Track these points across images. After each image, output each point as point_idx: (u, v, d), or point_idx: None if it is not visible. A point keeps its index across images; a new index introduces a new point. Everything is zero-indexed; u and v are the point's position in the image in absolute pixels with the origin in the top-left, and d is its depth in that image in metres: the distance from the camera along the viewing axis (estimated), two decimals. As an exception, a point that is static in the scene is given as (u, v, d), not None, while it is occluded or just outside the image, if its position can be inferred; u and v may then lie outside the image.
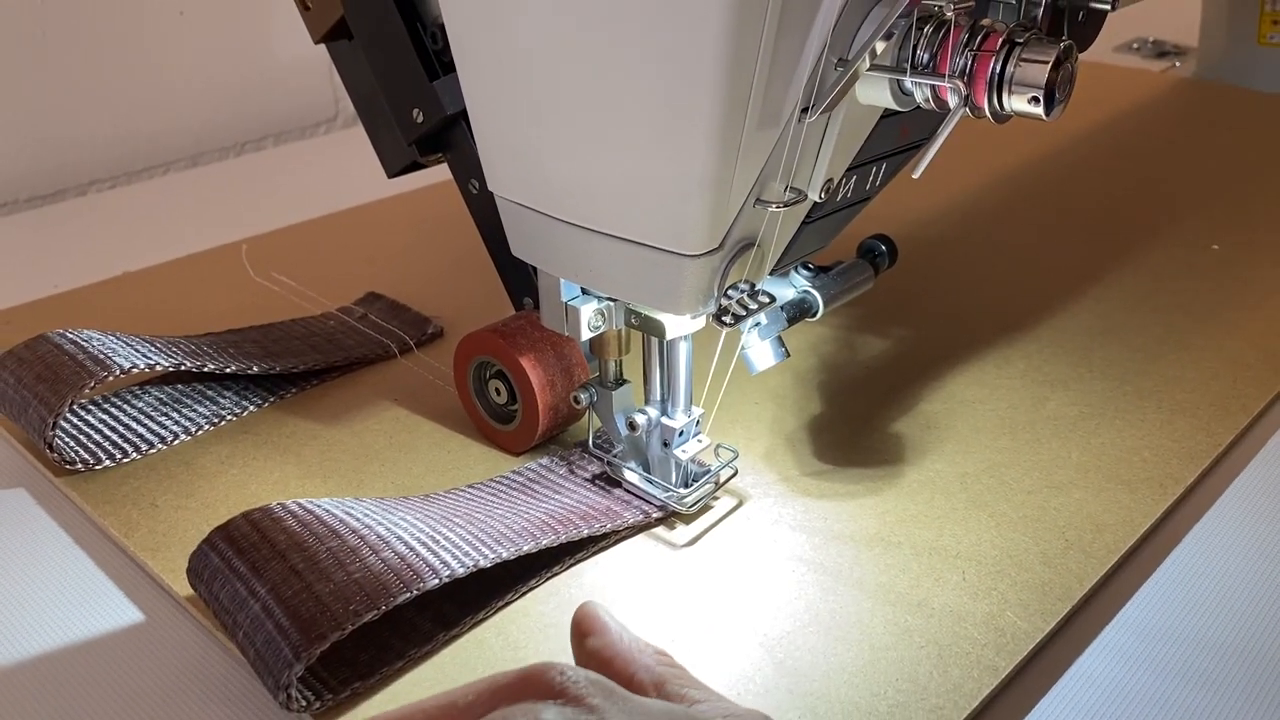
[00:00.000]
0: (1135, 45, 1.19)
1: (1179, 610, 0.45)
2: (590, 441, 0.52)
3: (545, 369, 0.52)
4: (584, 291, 0.47)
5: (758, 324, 0.48)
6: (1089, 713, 0.41)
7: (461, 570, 0.42)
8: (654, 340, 0.48)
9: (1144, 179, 0.87)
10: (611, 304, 0.47)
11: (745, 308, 0.42)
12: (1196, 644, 0.44)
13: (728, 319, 0.42)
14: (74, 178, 0.93)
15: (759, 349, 0.49)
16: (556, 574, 0.47)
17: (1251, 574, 0.47)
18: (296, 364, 0.59)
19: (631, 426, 0.49)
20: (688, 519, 0.50)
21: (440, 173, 0.63)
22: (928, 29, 0.39)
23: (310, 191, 0.88)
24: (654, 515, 0.49)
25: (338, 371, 0.62)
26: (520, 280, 0.57)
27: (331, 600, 0.39)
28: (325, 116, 1.07)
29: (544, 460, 0.53)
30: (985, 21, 0.39)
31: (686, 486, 0.49)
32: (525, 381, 0.52)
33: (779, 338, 0.49)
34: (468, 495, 0.50)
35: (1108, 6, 0.46)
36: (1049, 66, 0.38)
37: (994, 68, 0.38)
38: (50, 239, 0.84)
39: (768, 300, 0.43)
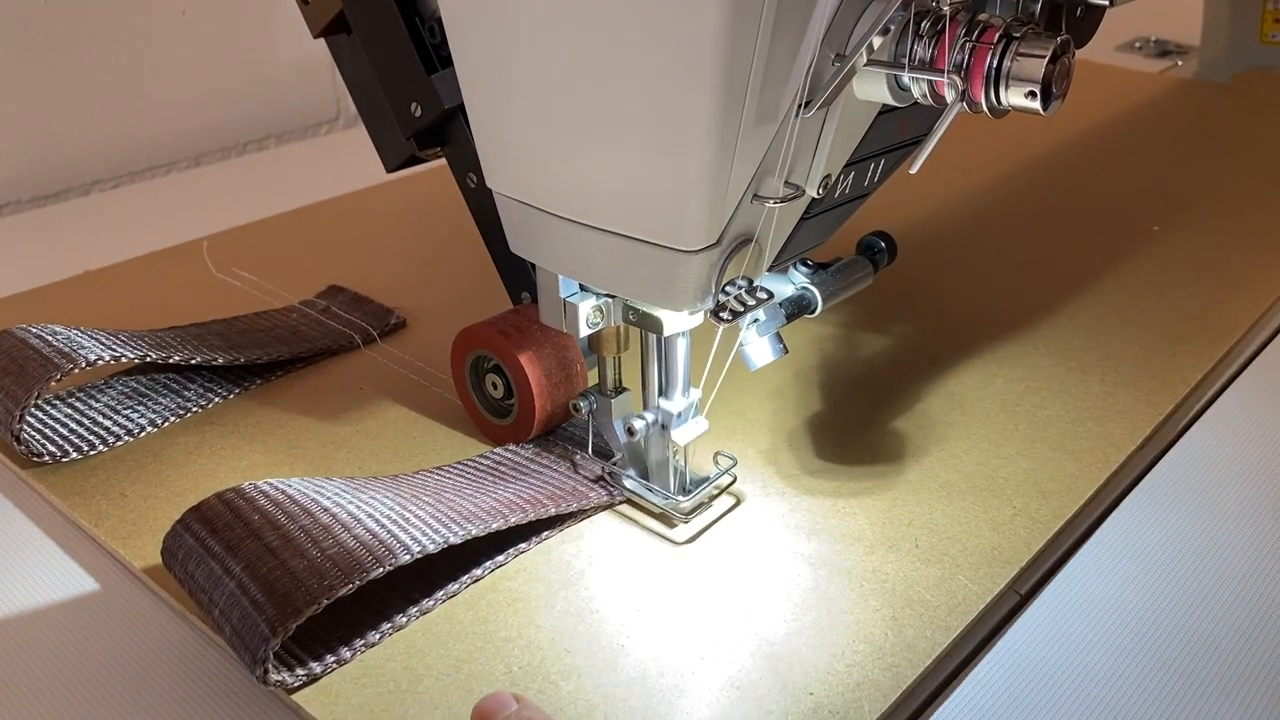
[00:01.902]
0: (1137, 44, 1.21)
1: (1115, 573, 0.48)
2: (590, 448, 0.52)
3: (543, 365, 0.52)
4: (582, 288, 0.47)
5: (756, 320, 0.48)
6: (1033, 667, 0.43)
7: (433, 546, 0.43)
8: (652, 337, 0.48)
9: (1143, 177, 0.88)
10: (610, 300, 0.47)
11: (743, 304, 0.42)
12: (1132, 605, 0.46)
13: (725, 315, 0.42)
14: (77, 177, 0.93)
15: (757, 345, 0.49)
16: (524, 551, 0.48)
17: (1192, 534, 0.50)
18: (261, 355, 0.60)
19: (630, 432, 0.49)
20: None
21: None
22: (925, 24, 0.39)
23: (311, 192, 0.88)
24: (618, 498, 0.51)
25: (302, 363, 0.62)
26: (518, 274, 0.56)
27: (306, 575, 0.40)
28: (327, 116, 1.07)
29: (511, 445, 0.54)
30: (982, 16, 0.39)
31: (685, 493, 0.50)
32: (522, 377, 0.52)
33: (777, 334, 0.49)
34: (436, 477, 0.51)
35: (1106, 3, 0.46)
36: (1045, 61, 0.37)
37: (991, 62, 0.38)
38: (52, 239, 0.84)
39: (766, 296, 0.43)
